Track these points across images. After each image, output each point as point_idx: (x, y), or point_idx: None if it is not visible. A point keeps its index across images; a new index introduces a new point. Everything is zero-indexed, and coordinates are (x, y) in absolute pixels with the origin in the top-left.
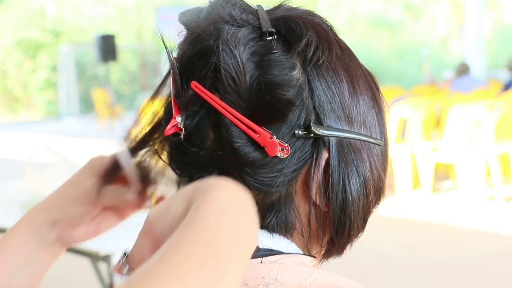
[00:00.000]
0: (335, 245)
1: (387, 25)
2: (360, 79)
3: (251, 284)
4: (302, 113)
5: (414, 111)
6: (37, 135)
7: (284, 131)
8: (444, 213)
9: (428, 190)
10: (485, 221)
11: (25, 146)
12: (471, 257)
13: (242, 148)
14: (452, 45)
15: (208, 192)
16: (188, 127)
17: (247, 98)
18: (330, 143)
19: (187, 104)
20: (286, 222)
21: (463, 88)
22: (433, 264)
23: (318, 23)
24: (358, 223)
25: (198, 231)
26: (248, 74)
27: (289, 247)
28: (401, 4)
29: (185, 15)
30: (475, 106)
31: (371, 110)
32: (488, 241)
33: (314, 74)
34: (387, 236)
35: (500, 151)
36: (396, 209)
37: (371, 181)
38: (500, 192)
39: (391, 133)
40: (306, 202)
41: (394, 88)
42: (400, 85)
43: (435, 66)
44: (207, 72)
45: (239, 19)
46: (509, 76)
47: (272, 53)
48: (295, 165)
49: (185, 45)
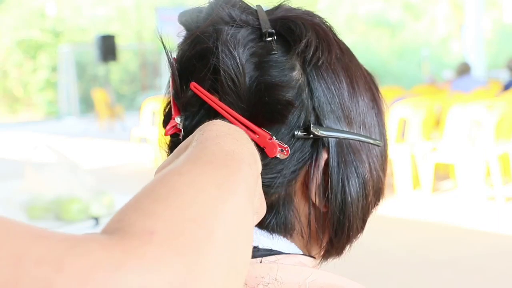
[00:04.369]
0: (335, 246)
1: (387, 25)
2: (360, 79)
3: (250, 284)
4: (301, 114)
5: (414, 111)
6: (37, 135)
7: (284, 132)
8: (444, 213)
9: (428, 190)
10: (485, 221)
11: (25, 146)
12: (471, 257)
13: None
14: (452, 45)
15: (202, 129)
16: (187, 127)
17: (246, 99)
18: (329, 144)
19: (186, 104)
20: (285, 223)
21: (464, 88)
22: (433, 264)
23: (317, 23)
24: (357, 224)
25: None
26: (247, 75)
27: (289, 248)
28: (401, 4)
29: (185, 16)
30: (475, 106)
31: (371, 111)
32: (488, 241)
33: (314, 75)
34: (387, 236)
35: (500, 151)
36: (396, 209)
37: (371, 182)
38: (500, 192)
39: (391, 133)
40: (306, 203)
41: (394, 88)
42: (400, 85)
43: (435, 66)
44: (206, 73)
45: (239, 20)
46: (509, 76)
47: (272, 54)
48: (295, 166)
49: (184, 45)
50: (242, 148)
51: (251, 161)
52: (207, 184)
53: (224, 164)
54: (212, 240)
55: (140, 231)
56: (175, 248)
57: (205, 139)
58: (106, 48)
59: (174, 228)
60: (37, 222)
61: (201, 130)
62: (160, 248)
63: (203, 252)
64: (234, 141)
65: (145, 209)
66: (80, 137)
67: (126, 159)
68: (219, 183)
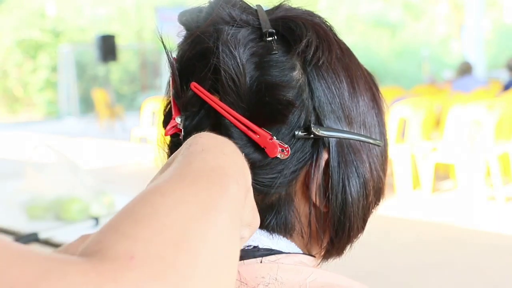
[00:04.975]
0: (335, 246)
1: (387, 25)
2: (360, 79)
3: (251, 284)
4: (302, 114)
5: (414, 111)
6: (37, 135)
7: (284, 132)
8: (444, 213)
9: (428, 190)
10: (485, 221)
11: (25, 146)
12: (471, 257)
13: (242, 149)
14: (452, 45)
15: (188, 143)
16: (187, 128)
17: (247, 99)
18: (330, 144)
19: (186, 105)
20: (285, 223)
21: (465, 88)
22: (433, 264)
23: (318, 23)
24: (357, 224)
25: (183, 167)
26: (248, 75)
27: (289, 247)
28: (401, 4)
29: (185, 15)
30: (475, 106)
31: (371, 111)
32: (488, 241)
33: (314, 75)
34: (387, 236)
35: (500, 151)
36: (396, 209)
37: (371, 182)
38: (500, 192)
39: (391, 133)
40: (306, 203)
41: (394, 88)
42: (400, 85)
43: (435, 66)
44: (207, 73)
45: (239, 20)
46: (509, 76)
47: (272, 53)
48: (295, 166)
49: (184, 45)
50: (229, 162)
51: (238, 176)
52: (191, 206)
53: (209, 182)
54: (194, 264)
55: (119, 255)
56: (155, 273)
57: (191, 154)
58: (106, 48)
59: (154, 252)
60: (37, 222)
61: (187, 143)
62: (139, 273)
63: (184, 278)
64: (220, 155)
65: (125, 231)
66: (80, 137)
67: (126, 159)
68: (203, 204)
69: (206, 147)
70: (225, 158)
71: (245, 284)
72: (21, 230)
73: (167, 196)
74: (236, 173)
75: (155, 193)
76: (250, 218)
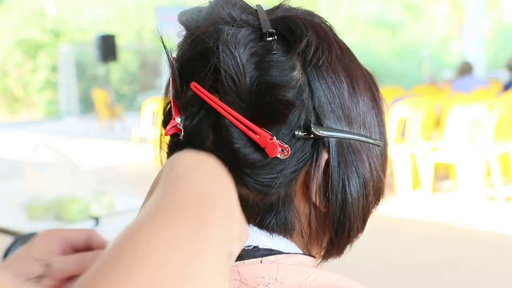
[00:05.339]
0: (335, 246)
1: (387, 25)
2: (360, 79)
3: (251, 284)
4: (302, 114)
5: (414, 111)
6: (37, 135)
7: (284, 132)
8: (444, 213)
9: (428, 190)
10: (485, 221)
11: (25, 146)
12: (471, 257)
13: (242, 149)
14: (452, 45)
15: (170, 164)
16: (187, 128)
17: (247, 99)
18: (330, 144)
19: (186, 104)
20: (285, 223)
21: (465, 88)
22: (433, 264)
23: (318, 23)
24: (357, 224)
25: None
26: (248, 75)
27: (289, 247)
28: (401, 4)
29: (185, 15)
30: (475, 106)
31: (371, 111)
32: (488, 241)
33: (314, 75)
34: (387, 236)
35: (500, 151)
36: (396, 209)
37: (371, 182)
38: (500, 192)
39: (391, 133)
40: (306, 203)
41: (394, 88)
42: (400, 85)
43: (435, 66)
44: (207, 73)
45: (239, 20)
46: (509, 76)
47: (272, 53)
48: (295, 166)
49: (184, 45)
50: (214, 185)
51: (224, 199)
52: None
53: (196, 216)
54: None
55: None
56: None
57: (173, 179)
58: (106, 48)
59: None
60: (37, 222)
61: (169, 163)
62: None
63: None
64: (203, 178)
65: (113, 279)
66: (80, 137)
67: (126, 159)
68: (191, 240)
69: (188, 169)
70: (208, 180)
71: (245, 284)
72: (21, 230)
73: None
74: (222, 197)
75: (143, 233)
76: (239, 232)
